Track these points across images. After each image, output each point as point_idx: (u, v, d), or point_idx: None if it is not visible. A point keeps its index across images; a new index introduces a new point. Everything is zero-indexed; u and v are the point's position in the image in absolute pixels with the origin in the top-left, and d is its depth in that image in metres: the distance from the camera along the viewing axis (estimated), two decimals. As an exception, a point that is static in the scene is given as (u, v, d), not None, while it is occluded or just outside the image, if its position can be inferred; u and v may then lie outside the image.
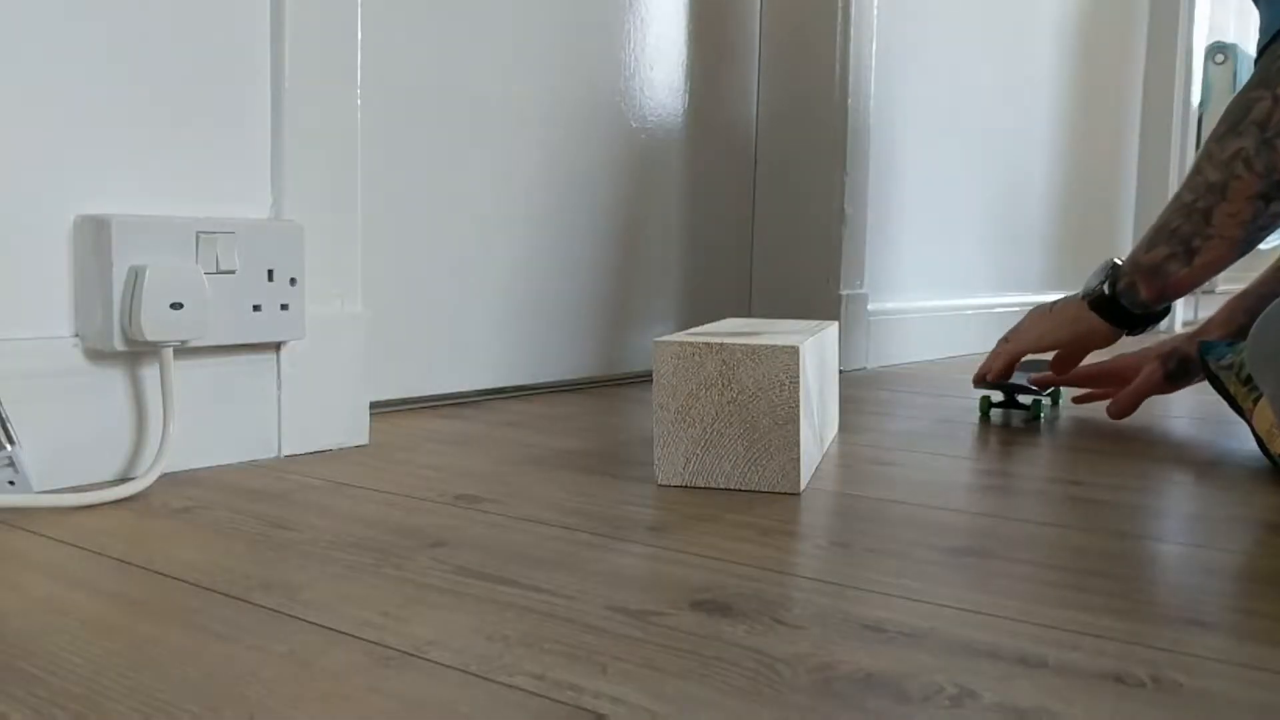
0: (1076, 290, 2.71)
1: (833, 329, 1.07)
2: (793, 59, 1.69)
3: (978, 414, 1.30)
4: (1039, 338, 1.23)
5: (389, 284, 1.18)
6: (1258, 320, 0.91)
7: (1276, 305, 0.89)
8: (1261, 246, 3.60)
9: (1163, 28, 2.76)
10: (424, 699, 0.44)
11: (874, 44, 1.72)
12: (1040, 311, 1.25)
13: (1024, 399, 1.32)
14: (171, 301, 0.80)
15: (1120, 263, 1.16)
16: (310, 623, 0.52)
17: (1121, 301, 1.16)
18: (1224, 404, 1.37)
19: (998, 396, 1.38)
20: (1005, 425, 1.19)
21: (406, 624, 0.52)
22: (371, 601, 0.56)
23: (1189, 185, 1.08)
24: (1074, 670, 0.48)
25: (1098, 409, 1.34)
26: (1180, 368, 1.23)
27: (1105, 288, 1.18)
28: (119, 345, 0.79)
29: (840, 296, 1.69)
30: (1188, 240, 1.08)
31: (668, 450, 0.84)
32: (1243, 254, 1.08)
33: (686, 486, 0.84)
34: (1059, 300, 1.22)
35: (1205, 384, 1.52)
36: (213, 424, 0.87)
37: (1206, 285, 3.10)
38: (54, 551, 0.64)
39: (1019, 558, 0.66)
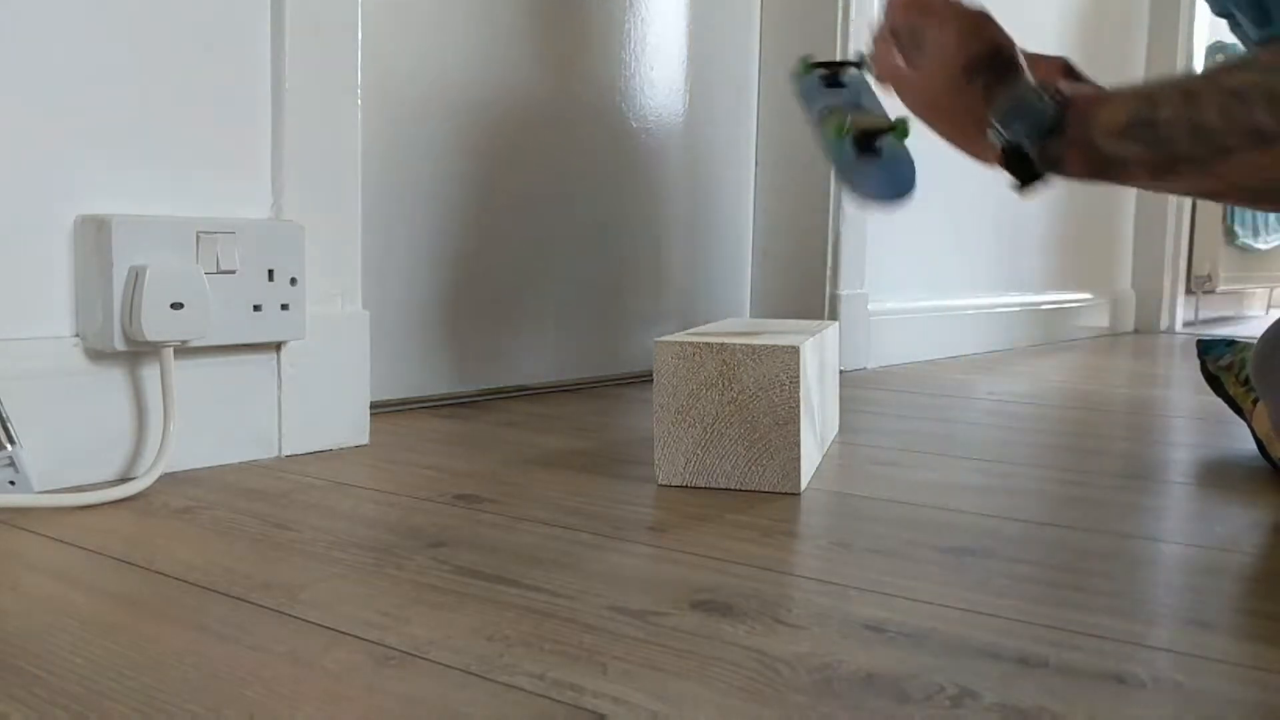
0: (1070, 292, 2.66)
1: (833, 329, 1.07)
2: (793, 59, 1.69)
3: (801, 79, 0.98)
4: (922, 93, 0.83)
5: (389, 284, 1.18)
6: (1263, 335, 0.90)
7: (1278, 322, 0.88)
8: (1261, 246, 3.55)
9: (1163, 28, 2.76)
10: (424, 699, 0.44)
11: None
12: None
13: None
14: (172, 301, 0.80)
15: (1066, 98, 0.75)
16: (310, 623, 0.52)
17: (1037, 169, 0.78)
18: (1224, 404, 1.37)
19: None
20: (1001, 423, 1.19)
21: (406, 624, 0.52)
22: (371, 601, 0.56)
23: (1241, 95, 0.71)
24: (1074, 670, 0.48)
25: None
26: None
27: (1030, 147, 0.76)
28: (119, 345, 0.79)
29: (840, 296, 1.68)
30: (1191, 158, 0.74)
31: (668, 450, 0.84)
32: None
33: (686, 486, 0.84)
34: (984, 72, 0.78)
35: (1205, 385, 1.52)
36: (213, 424, 0.87)
37: (1207, 286, 3.09)
38: (54, 551, 0.64)
39: (1019, 558, 0.66)
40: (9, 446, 0.74)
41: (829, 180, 1.67)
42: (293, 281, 0.90)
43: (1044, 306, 2.38)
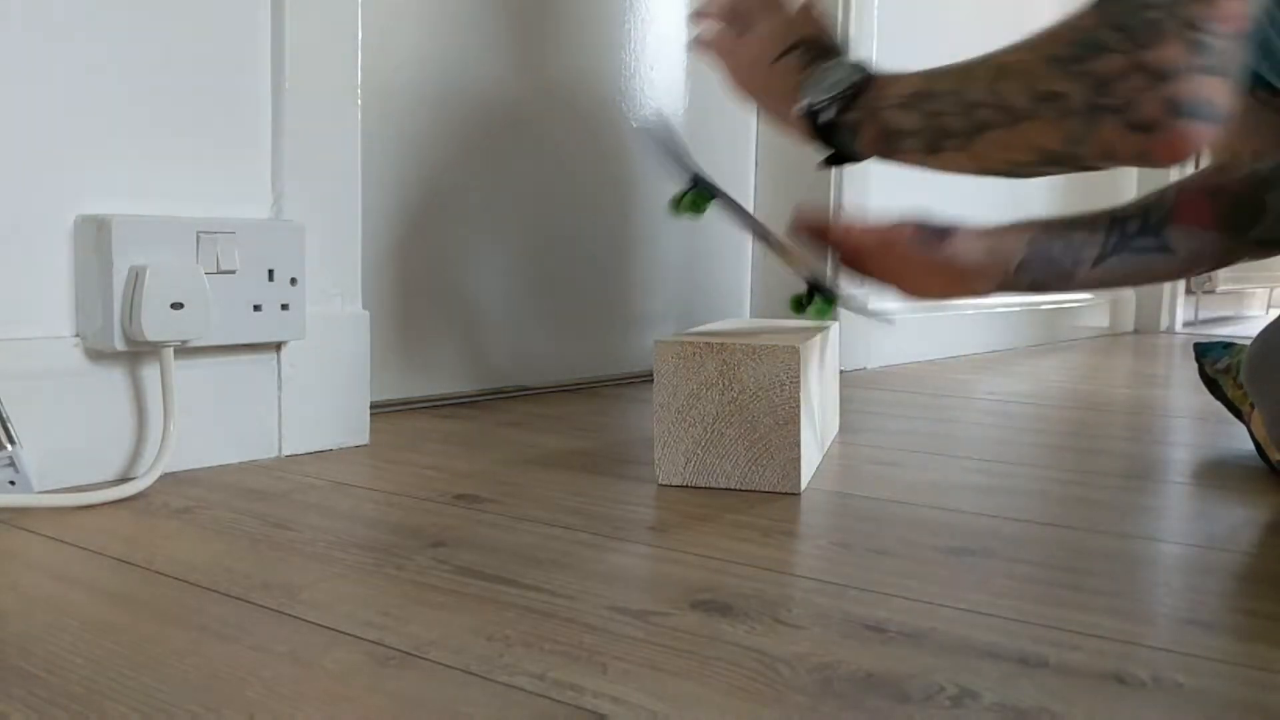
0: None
1: (833, 329, 1.07)
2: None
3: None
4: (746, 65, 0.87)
5: (389, 284, 1.18)
6: (1256, 337, 0.90)
7: (1271, 326, 0.88)
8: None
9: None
10: (424, 699, 0.44)
11: (874, 42, 1.72)
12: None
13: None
14: (172, 301, 0.80)
15: (872, 73, 0.79)
16: (310, 623, 0.52)
17: (837, 138, 0.80)
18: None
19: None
20: (1001, 423, 1.19)
21: (406, 624, 0.52)
22: (371, 601, 0.56)
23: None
24: (1074, 670, 0.48)
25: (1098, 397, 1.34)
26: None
27: (829, 112, 0.79)
28: (119, 345, 0.79)
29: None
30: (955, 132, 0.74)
31: (668, 450, 0.84)
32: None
33: (687, 486, 0.84)
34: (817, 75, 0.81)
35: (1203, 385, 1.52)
36: (213, 424, 0.87)
37: (1207, 285, 3.09)
38: (54, 551, 0.64)
39: (1019, 558, 0.66)
40: (9, 446, 0.74)
41: (829, 181, 1.67)
42: (293, 281, 0.90)
43: (1044, 306, 2.37)
